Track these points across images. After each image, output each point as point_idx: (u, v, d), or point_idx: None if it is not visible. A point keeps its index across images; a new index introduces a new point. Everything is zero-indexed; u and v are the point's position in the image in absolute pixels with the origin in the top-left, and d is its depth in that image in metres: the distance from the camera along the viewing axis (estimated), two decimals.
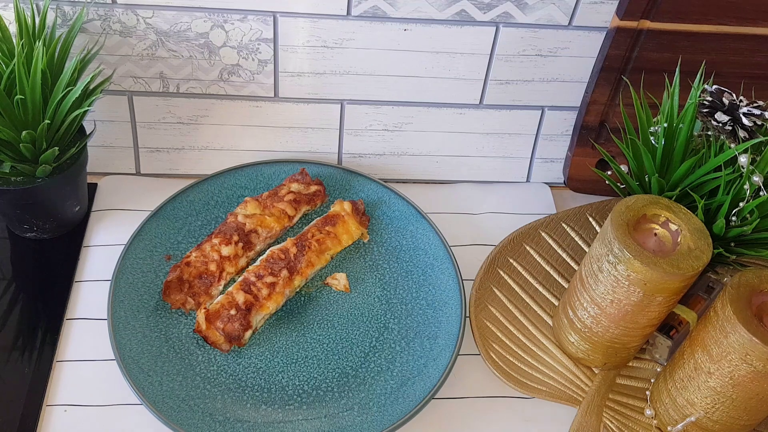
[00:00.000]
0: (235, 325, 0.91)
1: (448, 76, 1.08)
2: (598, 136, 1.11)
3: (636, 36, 1.01)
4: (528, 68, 1.08)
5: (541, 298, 1.02)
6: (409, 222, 1.07)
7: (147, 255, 0.99)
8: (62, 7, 0.98)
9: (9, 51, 0.92)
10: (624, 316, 0.87)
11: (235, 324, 0.91)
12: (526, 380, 0.94)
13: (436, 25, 1.03)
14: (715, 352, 0.81)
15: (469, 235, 1.11)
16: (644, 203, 0.87)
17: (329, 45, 1.04)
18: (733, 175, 0.88)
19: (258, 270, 0.96)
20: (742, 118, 0.88)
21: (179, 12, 0.99)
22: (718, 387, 0.82)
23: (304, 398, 0.90)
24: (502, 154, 1.17)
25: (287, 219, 1.03)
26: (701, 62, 0.97)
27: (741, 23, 1.01)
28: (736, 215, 0.88)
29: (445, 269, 1.02)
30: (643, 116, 0.93)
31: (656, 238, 0.86)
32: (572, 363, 0.96)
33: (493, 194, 1.17)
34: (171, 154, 1.13)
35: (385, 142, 1.14)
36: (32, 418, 0.86)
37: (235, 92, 1.08)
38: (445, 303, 0.99)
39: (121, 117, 1.08)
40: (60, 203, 1.00)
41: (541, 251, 1.07)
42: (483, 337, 0.97)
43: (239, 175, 1.09)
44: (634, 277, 0.82)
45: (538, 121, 1.14)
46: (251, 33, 1.02)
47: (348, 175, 1.11)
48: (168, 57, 1.03)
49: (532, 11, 1.02)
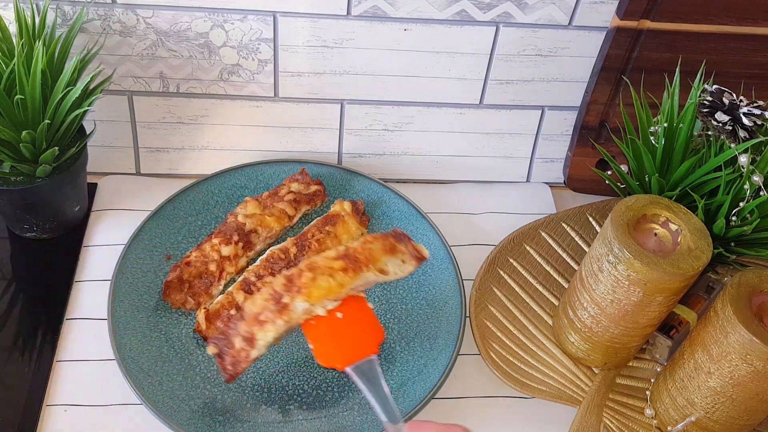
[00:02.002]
0: None
1: (448, 76, 1.08)
2: (598, 135, 1.11)
3: (636, 36, 1.01)
4: (528, 68, 1.08)
5: (541, 298, 1.02)
6: (409, 222, 1.07)
7: (147, 255, 0.99)
8: (62, 7, 0.97)
9: (9, 51, 0.92)
10: (624, 316, 0.87)
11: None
12: (526, 380, 0.94)
13: (436, 24, 1.02)
14: (715, 352, 0.81)
15: (469, 234, 1.11)
16: (644, 203, 0.87)
17: (329, 45, 1.03)
18: (733, 175, 0.88)
19: (258, 270, 0.96)
20: (743, 118, 0.88)
21: (179, 12, 0.99)
22: (719, 387, 0.82)
23: (304, 398, 0.90)
24: (502, 153, 1.17)
25: (287, 219, 1.03)
26: (701, 62, 0.97)
27: (741, 23, 1.01)
28: (736, 215, 0.88)
29: (445, 269, 1.02)
30: (643, 116, 0.93)
31: (656, 238, 0.86)
32: (572, 363, 0.96)
33: (493, 194, 1.17)
34: (171, 154, 1.13)
35: (385, 141, 1.14)
36: (32, 418, 0.86)
37: (235, 92, 1.08)
38: (445, 303, 0.99)
39: (121, 117, 1.08)
40: (60, 203, 1.00)
41: (541, 251, 1.07)
42: (483, 337, 0.97)
43: (239, 175, 1.09)
44: (634, 277, 0.82)
45: (538, 120, 1.14)
46: (251, 33, 1.02)
47: (348, 174, 1.11)
48: (168, 57, 1.03)
49: (532, 11, 1.02)
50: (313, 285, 0.80)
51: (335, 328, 0.80)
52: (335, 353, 0.78)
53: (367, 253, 0.84)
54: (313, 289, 0.80)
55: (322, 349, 0.79)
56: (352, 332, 0.80)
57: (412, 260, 0.89)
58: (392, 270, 0.86)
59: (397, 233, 0.89)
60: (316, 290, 0.80)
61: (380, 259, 0.85)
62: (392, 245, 0.87)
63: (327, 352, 0.78)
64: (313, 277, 0.81)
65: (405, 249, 0.88)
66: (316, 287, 0.80)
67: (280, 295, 0.79)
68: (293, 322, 0.80)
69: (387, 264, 0.86)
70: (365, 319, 0.81)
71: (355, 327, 0.80)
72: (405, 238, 0.89)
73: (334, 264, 0.82)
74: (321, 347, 0.79)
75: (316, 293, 0.80)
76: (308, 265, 0.82)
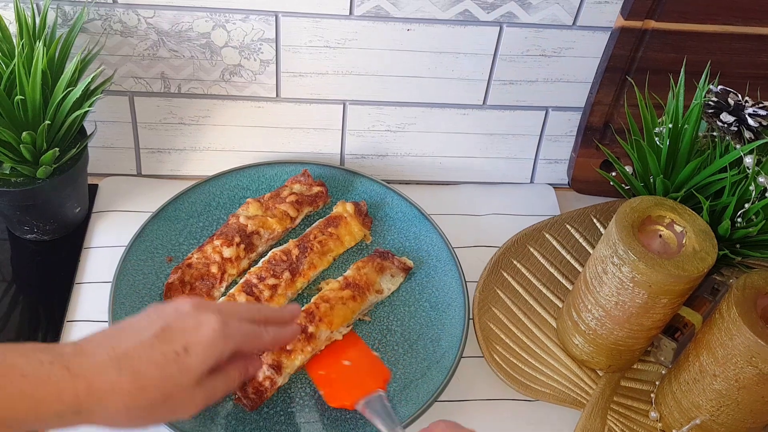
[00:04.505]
0: None
1: (452, 77, 1.08)
2: (602, 136, 1.11)
3: (641, 36, 1.01)
4: (532, 68, 1.07)
5: (545, 300, 1.02)
6: (412, 223, 1.06)
7: (148, 256, 0.99)
8: (63, 7, 0.97)
9: (9, 51, 0.92)
10: (628, 319, 0.87)
11: None
12: (529, 383, 0.93)
13: (439, 25, 1.02)
14: (720, 354, 0.81)
15: (473, 236, 1.11)
16: (649, 204, 0.87)
17: (331, 45, 1.03)
18: (738, 176, 0.88)
19: (260, 272, 0.96)
20: (748, 119, 0.88)
21: (180, 12, 0.99)
22: (724, 390, 0.82)
23: (306, 400, 0.89)
24: (505, 155, 1.17)
25: (289, 220, 1.03)
26: (706, 62, 0.97)
27: (746, 23, 1.00)
28: (741, 216, 0.88)
29: (449, 271, 1.01)
30: (648, 117, 0.93)
31: (661, 239, 0.86)
32: (576, 365, 0.95)
33: (497, 195, 1.17)
34: (172, 155, 1.12)
35: (387, 142, 1.14)
36: None
37: (237, 93, 1.07)
38: (449, 305, 0.98)
39: (122, 118, 1.08)
40: (60, 204, 1.00)
41: (545, 253, 1.07)
42: (486, 339, 0.96)
43: (241, 176, 1.09)
44: (639, 279, 0.82)
45: (542, 121, 1.14)
46: (253, 33, 1.01)
47: (350, 176, 1.11)
48: (169, 57, 1.03)
49: (536, 11, 1.01)
50: (333, 314, 0.91)
51: (344, 374, 0.89)
52: (344, 395, 0.86)
53: (364, 278, 0.96)
54: (334, 318, 0.91)
55: (333, 393, 0.87)
56: (359, 375, 0.89)
57: (400, 272, 1.00)
58: (386, 287, 0.98)
59: (380, 252, 1.01)
60: (336, 318, 0.91)
61: (375, 280, 0.97)
62: (380, 264, 0.99)
63: (337, 395, 0.86)
64: (330, 307, 0.92)
65: (391, 265, 1.00)
66: (336, 316, 0.91)
67: (304, 326, 0.89)
68: (317, 349, 0.90)
69: (381, 283, 0.98)
70: (370, 363, 0.90)
71: (361, 370, 0.89)
72: (389, 255, 1.01)
73: (343, 294, 0.94)
74: (331, 392, 0.87)
75: (336, 321, 0.91)
76: (321, 297, 0.93)
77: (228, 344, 0.70)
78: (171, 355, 0.67)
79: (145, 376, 0.65)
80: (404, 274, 1.00)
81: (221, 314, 0.70)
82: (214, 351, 0.69)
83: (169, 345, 0.67)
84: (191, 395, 0.68)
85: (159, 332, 0.68)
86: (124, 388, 0.64)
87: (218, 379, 0.71)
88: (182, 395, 0.67)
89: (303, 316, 0.91)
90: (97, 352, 0.65)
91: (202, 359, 0.68)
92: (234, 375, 0.73)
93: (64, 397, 0.62)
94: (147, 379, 0.65)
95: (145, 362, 0.65)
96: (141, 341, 0.67)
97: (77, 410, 0.63)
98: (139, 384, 0.65)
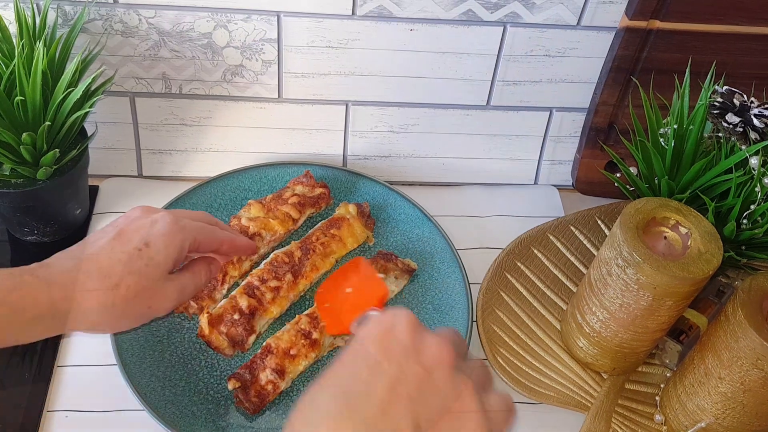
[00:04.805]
0: (239, 329, 0.90)
1: (455, 77, 1.07)
2: (607, 137, 1.10)
3: (645, 36, 1.00)
4: (536, 69, 1.07)
5: (550, 302, 1.01)
6: (415, 225, 1.06)
7: None
8: (63, 7, 0.97)
9: (9, 51, 0.92)
10: (633, 321, 0.86)
11: (239, 328, 0.90)
12: (534, 385, 0.93)
13: (442, 25, 1.02)
14: (725, 357, 0.80)
15: (476, 238, 1.10)
16: (654, 206, 0.86)
17: (334, 45, 1.03)
18: (744, 178, 0.87)
19: (262, 274, 0.95)
20: (754, 120, 0.88)
21: (182, 12, 0.98)
22: (729, 392, 0.82)
23: None
24: (509, 156, 1.16)
25: (291, 222, 1.02)
26: (712, 63, 0.96)
27: (752, 23, 1.00)
28: (747, 218, 0.88)
29: (452, 273, 1.01)
30: (653, 117, 0.93)
31: (666, 241, 0.86)
32: (581, 368, 0.95)
33: (501, 197, 1.17)
34: (173, 156, 1.12)
35: (390, 143, 1.14)
36: (33, 423, 0.85)
37: (239, 93, 1.07)
38: (452, 307, 0.98)
39: (123, 118, 1.08)
40: (61, 206, 0.99)
41: (550, 255, 1.06)
42: (490, 341, 0.96)
43: (242, 178, 1.08)
44: (644, 281, 0.82)
45: (546, 122, 1.13)
46: (255, 33, 1.01)
47: (353, 177, 1.11)
48: (170, 57, 1.02)
49: (540, 11, 1.01)
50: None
51: (344, 302, 0.89)
52: (340, 322, 0.86)
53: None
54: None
55: (332, 322, 0.88)
56: (357, 300, 0.89)
57: (403, 274, 0.99)
58: (390, 288, 0.97)
59: (383, 254, 1.00)
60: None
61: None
62: (384, 266, 0.98)
63: (334, 323, 0.88)
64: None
65: (395, 266, 0.99)
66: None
67: (309, 332, 0.89)
68: (320, 355, 0.91)
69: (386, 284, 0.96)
70: (369, 285, 0.90)
71: (360, 295, 0.89)
72: (392, 257, 1.00)
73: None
74: (330, 321, 0.89)
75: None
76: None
77: (186, 234, 0.74)
78: (134, 252, 0.71)
79: (113, 274, 0.69)
80: (407, 275, 1.00)
81: (172, 213, 0.75)
82: (173, 240, 0.73)
83: (129, 244, 0.72)
84: (163, 288, 0.73)
85: (116, 236, 0.72)
86: (96, 287, 0.68)
87: (185, 276, 0.77)
88: (154, 288, 0.72)
89: (307, 321, 0.91)
90: (62, 262, 0.70)
91: (164, 250, 0.72)
92: (200, 270, 0.79)
93: (38, 302, 0.66)
94: (116, 277, 0.69)
95: (109, 262, 0.70)
96: (101, 246, 0.71)
97: (53, 314, 0.67)
98: (110, 282, 0.69)
